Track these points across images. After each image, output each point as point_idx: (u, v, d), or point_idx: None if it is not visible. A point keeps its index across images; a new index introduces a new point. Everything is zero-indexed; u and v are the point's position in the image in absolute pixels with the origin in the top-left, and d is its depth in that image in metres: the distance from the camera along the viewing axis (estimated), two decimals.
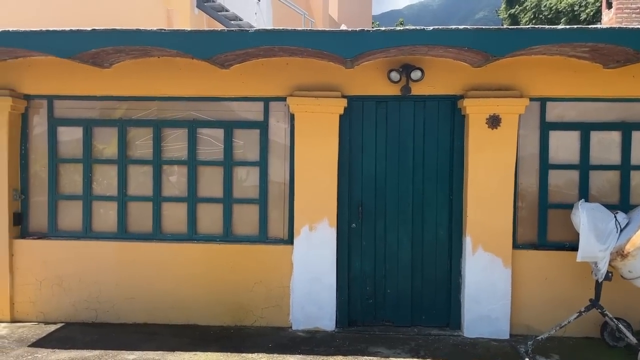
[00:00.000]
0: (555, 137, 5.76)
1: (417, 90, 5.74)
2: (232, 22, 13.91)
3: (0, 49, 5.29)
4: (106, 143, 6.22)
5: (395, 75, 5.65)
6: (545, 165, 5.75)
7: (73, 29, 5.01)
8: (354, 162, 5.95)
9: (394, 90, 5.78)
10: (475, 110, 5.56)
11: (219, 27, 14.11)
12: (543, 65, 5.57)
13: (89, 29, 5.01)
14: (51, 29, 5.08)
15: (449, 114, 5.85)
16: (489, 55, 4.96)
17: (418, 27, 4.83)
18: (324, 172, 5.80)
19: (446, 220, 5.90)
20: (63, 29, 5.04)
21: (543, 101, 5.69)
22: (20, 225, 6.20)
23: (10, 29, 5.10)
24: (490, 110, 5.52)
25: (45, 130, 6.20)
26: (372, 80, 5.80)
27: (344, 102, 5.75)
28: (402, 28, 4.91)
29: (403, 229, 5.95)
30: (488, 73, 5.58)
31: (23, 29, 5.10)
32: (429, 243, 5.94)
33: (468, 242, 5.68)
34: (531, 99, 5.58)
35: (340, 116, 5.80)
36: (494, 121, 5.54)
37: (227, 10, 14.15)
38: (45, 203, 6.23)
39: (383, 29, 4.96)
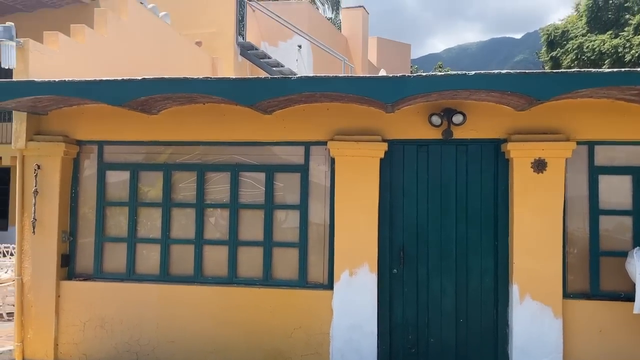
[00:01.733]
0: (605, 181, 5.56)
1: (459, 134, 5.69)
2: (274, 68, 14.34)
3: (58, 98, 5.59)
4: (151, 186, 6.39)
5: (436, 119, 5.63)
6: (595, 211, 5.54)
7: (125, 78, 5.26)
8: (395, 206, 5.88)
9: (435, 134, 5.75)
10: (520, 154, 5.45)
11: (262, 73, 14.57)
12: (590, 108, 5.44)
13: (140, 78, 5.24)
14: (104, 78, 5.34)
15: (492, 158, 5.75)
16: (532, 99, 4.90)
17: (459, 72, 4.83)
18: (364, 216, 5.75)
19: (492, 266, 5.72)
20: (115, 78, 5.29)
21: (591, 145, 5.54)
22: (68, 266, 6.37)
23: (67, 79, 5.39)
24: (535, 154, 5.40)
25: (95, 174, 6.43)
26: (413, 124, 5.79)
27: (384, 146, 5.75)
28: (443, 73, 4.92)
29: (446, 275, 5.79)
30: (532, 116, 5.49)
31: (78, 79, 5.39)
32: (473, 290, 5.74)
33: (515, 290, 5.46)
34: (578, 143, 5.43)
35: (381, 160, 5.79)
36: (539, 165, 5.41)
37: (269, 57, 14.64)
38: (91, 244, 6.39)
39: (424, 74, 4.98)
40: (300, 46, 16.11)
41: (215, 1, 14.27)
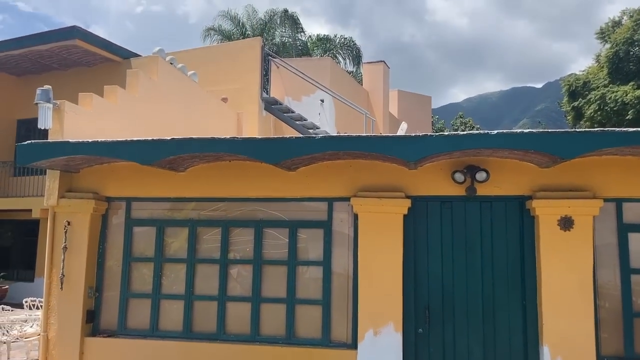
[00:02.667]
0: (635, 239, 5.44)
1: (482, 190, 5.68)
2: (298, 122, 14.63)
3: (90, 157, 5.79)
4: (177, 241, 6.46)
5: (459, 177, 5.65)
6: (626, 270, 5.40)
7: (155, 138, 5.44)
8: (420, 263, 5.83)
9: (458, 191, 5.75)
10: (546, 212, 5.39)
11: (286, 127, 14.87)
12: (616, 165, 5.40)
13: (169, 138, 5.42)
14: (135, 139, 5.54)
15: (517, 215, 5.70)
16: (556, 158, 4.90)
17: (481, 132, 4.88)
18: (388, 274, 5.70)
19: (520, 326, 5.56)
20: (146, 138, 5.48)
21: (619, 202, 5.46)
22: (92, 322, 6.40)
23: (100, 140, 5.60)
24: (561, 211, 5.35)
25: (122, 230, 6.56)
26: (436, 181, 5.81)
27: (407, 203, 5.76)
28: (465, 133, 4.98)
29: (473, 335, 5.64)
30: (557, 173, 5.47)
31: (110, 140, 5.59)
32: (502, 351, 5.57)
33: (546, 352, 5.28)
34: (605, 200, 5.37)
35: (405, 216, 5.79)
36: (566, 223, 5.34)
37: (292, 112, 14.97)
38: (116, 300, 6.44)
39: (446, 133, 5.04)
40: (322, 100, 16.46)
41: (241, 59, 14.79)
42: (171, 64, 11.36)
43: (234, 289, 6.24)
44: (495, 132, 4.82)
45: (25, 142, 5.94)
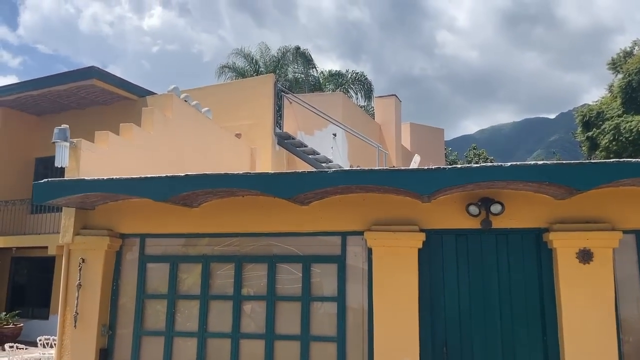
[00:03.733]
0: None
1: (498, 223, 5.60)
2: (310, 156, 14.71)
3: (106, 194, 5.85)
4: (190, 277, 6.44)
5: (474, 209, 5.59)
6: None
7: (169, 175, 5.49)
8: (436, 298, 5.72)
9: (473, 224, 5.68)
10: (563, 244, 5.29)
11: (298, 161, 14.95)
12: (633, 196, 5.31)
13: (183, 175, 5.47)
14: (149, 175, 5.59)
15: (534, 248, 5.60)
16: (572, 189, 4.83)
17: (495, 164, 4.85)
18: (404, 310, 5.59)
19: None
20: (160, 175, 5.53)
21: (638, 234, 5.35)
22: None
23: (115, 177, 5.66)
24: (579, 244, 5.24)
25: (136, 267, 6.55)
26: (450, 214, 5.76)
27: (422, 236, 5.69)
28: (478, 165, 4.95)
29: None
30: (574, 205, 5.39)
31: (125, 177, 5.66)
32: None
33: None
34: (625, 232, 5.26)
35: (419, 250, 5.71)
36: (585, 256, 5.22)
37: (305, 146, 15.08)
38: (129, 336, 6.38)
39: (459, 166, 5.02)
40: (335, 134, 16.57)
41: (254, 95, 15.03)
42: (185, 101, 11.57)
43: (248, 326, 6.16)
44: (509, 164, 4.79)
45: (42, 181, 6.03)
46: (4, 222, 14.85)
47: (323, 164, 14.40)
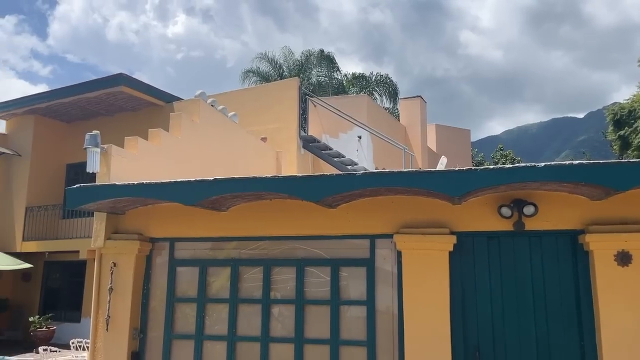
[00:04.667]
0: None
1: (531, 225, 5.47)
2: (335, 159, 14.67)
3: (136, 199, 5.92)
4: (219, 281, 6.46)
5: (506, 211, 5.47)
6: None
7: (197, 179, 5.53)
8: (467, 302, 5.61)
9: (505, 226, 5.56)
10: (600, 247, 5.14)
11: (323, 164, 14.93)
12: None
13: (211, 178, 5.49)
14: (178, 180, 5.63)
15: (569, 250, 5.45)
16: (609, 190, 4.69)
17: (529, 164, 4.73)
18: (435, 313, 5.50)
19: None
20: (189, 179, 5.57)
21: None
22: None
23: (145, 182, 5.72)
24: (617, 246, 5.08)
25: (166, 271, 6.61)
26: (481, 215, 5.65)
27: (453, 239, 5.60)
28: (511, 166, 4.84)
29: None
30: (611, 206, 5.22)
31: (155, 182, 5.71)
32: None
33: None
34: None
35: (450, 253, 5.62)
36: (623, 258, 5.06)
37: (330, 149, 15.05)
38: (160, 339, 6.44)
39: (491, 167, 4.92)
40: (360, 137, 16.51)
41: (279, 99, 15.09)
42: (212, 106, 11.67)
43: (277, 330, 6.15)
44: (543, 164, 4.67)
45: (75, 186, 6.13)
46: (37, 227, 15.20)
47: (348, 167, 14.34)
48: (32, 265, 14.41)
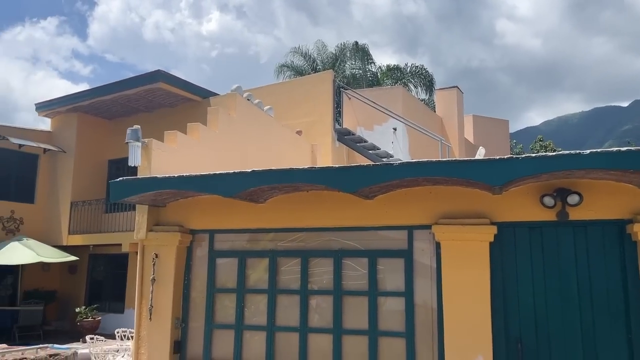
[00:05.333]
0: None
1: (575, 215, 5.32)
2: (370, 151, 14.60)
3: (176, 191, 6.04)
4: (257, 272, 6.54)
5: (549, 200, 5.33)
6: None
7: (236, 171, 5.60)
8: (509, 293, 5.50)
9: (548, 216, 5.42)
10: None
11: (358, 156, 14.88)
12: None
13: (249, 170, 5.55)
14: (218, 172, 5.71)
15: (616, 240, 5.27)
16: None
17: (573, 152, 4.60)
18: (475, 305, 5.42)
19: None
20: (227, 172, 5.65)
21: None
22: (179, 353, 6.55)
23: (185, 175, 5.83)
24: None
25: (206, 262, 6.73)
26: (523, 205, 5.52)
27: (493, 229, 5.50)
28: (554, 153, 4.71)
29: None
30: None
31: (195, 174, 5.81)
32: None
33: None
34: None
35: (491, 244, 5.52)
36: None
37: (365, 141, 14.98)
38: (201, 329, 6.57)
39: (533, 155, 4.80)
40: (395, 129, 16.35)
41: (314, 92, 15.10)
42: (248, 100, 11.78)
43: (315, 320, 6.19)
44: (589, 151, 4.52)
45: (118, 179, 6.30)
46: (82, 221, 15.72)
47: (383, 159, 14.24)
48: (77, 258, 14.94)
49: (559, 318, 5.33)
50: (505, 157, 4.84)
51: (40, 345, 9.10)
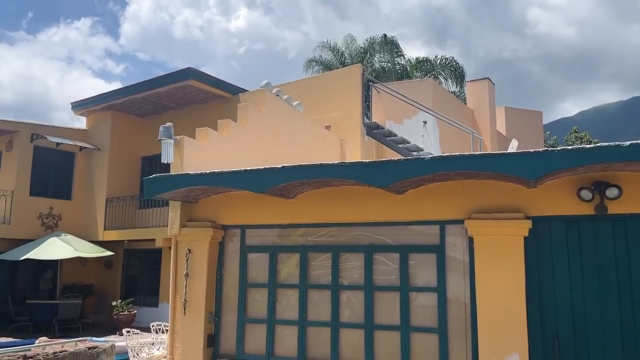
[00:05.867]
0: None
1: (614, 208, 5.16)
2: (400, 145, 14.45)
3: (208, 187, 6.11)
4: (288, 267, 6.57)
5: (586, 194, 5.18)
6: None
7: (267, 167, 5.62)
8: (545, 289, 5.38)
9: (585, 210, 5.27)
10: None
11: (388, 150, 14.76)
12: None
13: (279, 166, 5.57)
14: (249, 168, 5.75)
15: None
16: None
17: (612, 144, 4.45)
18: (510, 301, 5.33)
19: None
20: (258, 168, 5.68)
21: None
22: (213, 347, 6.65)
23: (216, 171, 5.89)
24: None
25: (238, 257, 6.80)
26: (559, 199, 5.39)
27: (528, 224, 5.38)
28: (592, 145, 4.57)
29: None
30: None
31: (226, 170, 5.87)
32: None
33: None
34: None
35: (525, 239, 5.41)
36: None
37: (394, 135, 14.84)
38: (234, 323, 6.64)
39: (570, 147, 4.67)
40: (425, 122, 16.15)
41: (342, 86, 15.03)
42: (277, 95, 11.81)
43: (347, 315, 6.18)
44: (628, 143, 4.37)
45: (151, 176, 6.41)
46: (117, 217, 16.09)
47: (413, 153, 14.08)
48: (113, 253, 15.31)
49: (598, 314, 5.18)
50: (541, 149, 4.73)
51: (79, 338, 9.37)
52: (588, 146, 4.58)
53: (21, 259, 14.01)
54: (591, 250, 5.30)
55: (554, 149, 4.67)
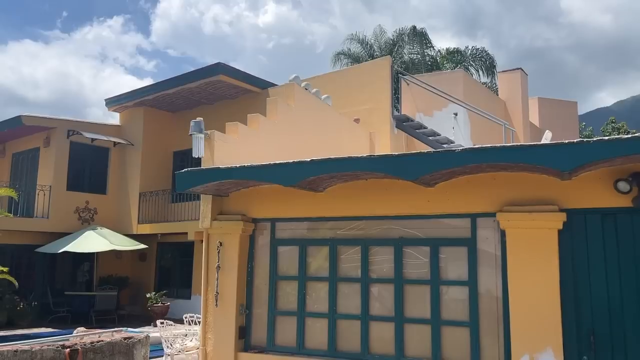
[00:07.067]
0: None
1: None
2: (430, 137, 14.31)
3: (239, 181, 6.18)
4: (318, 260, 6.60)
5: (624, 186, 5.04)
6: None
7: (296, 160, 5.65)
8: (580, 283, 5.26)
9: (623, 202, 5.12)
10: None
11: (417, 143, 14.63)
12: None
13: (309, 159, 5.58)
14: (278, 162, 5.79)
15: None
16: None
17: None
18: (544, 295, 5.23)
19: None
20: (287, 161, 5.71)
21: None
22: (244, 338, 6.74)
23: (247, 165, 5.95)
24: None
25: (268, 250, 6.86)
26: (594, 191, 5.25)
27: (562, 217, 5.26)
28: (629, 136, 4.43)
29: None
30: None
31: (256, 164, 5.92)
32: None
33: None
34: None
35: (559, 232, 5.29)
36: None
37: (424, 127, 14.69)
38: (264, 315, 6.72)
39: (606, 138, 4.54)
40: (456, 114, 15.93)
41: (371, 79, 14.94)
42: (306, 89, 11.83)
43: (377, 309, 6.18)
44: None
45: (183, 170, 6.52)
46: (150, 211, 16.43)
47: (444, 145, 13.91)
48: (146, 246, 15.65)
49: (635, 309, 5.04)
50: (575, 140, 4.61)
51: (115, 329, 9.64)
52: (625, 136, 4.44)
53: (59, 251, 14.47)
54: (628, 244, 5.16)
55: (590, 139, 4.54)
